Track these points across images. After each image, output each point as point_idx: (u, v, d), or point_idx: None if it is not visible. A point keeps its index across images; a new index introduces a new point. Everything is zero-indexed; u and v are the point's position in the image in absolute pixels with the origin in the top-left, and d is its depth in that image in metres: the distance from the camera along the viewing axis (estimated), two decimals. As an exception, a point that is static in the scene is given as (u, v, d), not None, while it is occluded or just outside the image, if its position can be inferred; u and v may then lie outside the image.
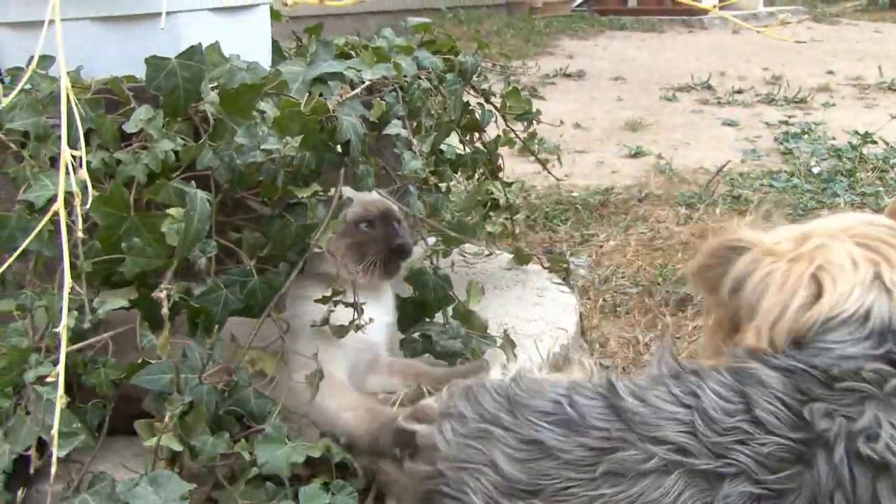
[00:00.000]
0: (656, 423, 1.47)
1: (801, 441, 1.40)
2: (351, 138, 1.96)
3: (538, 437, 1.56)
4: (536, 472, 1.54)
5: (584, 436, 1.52)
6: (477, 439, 1.63)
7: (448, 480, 1.61)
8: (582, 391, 1.59)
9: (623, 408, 1.51)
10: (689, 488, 1.41)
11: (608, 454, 1.48)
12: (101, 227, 1.76)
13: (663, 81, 6.87)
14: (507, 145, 2.73)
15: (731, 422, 1.44)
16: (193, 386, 1.73)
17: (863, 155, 4.57)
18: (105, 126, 1.82)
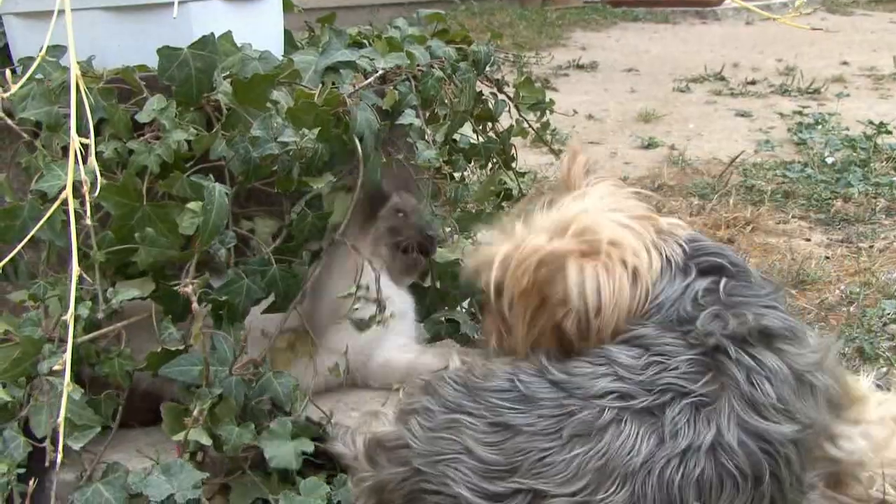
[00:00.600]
0: (589, 385, 1.63)
1: (702, 354, 1.65)
2: (365, 134, 1.96)
3: (502, 419, 1.62)
4: (511, 451, 1.59)
5: (540, 407, 1.62)
6: (446, 430, 1.65)
7: (427, 476, 1.62)
8: (524, 370, 1.70)
9: (558, 381, 1.66)
10: (643, 425, 1.59)
11: (567, 418, 1.60)
12: (114, 218, 1.76)
13: (676, 73, 6.84)
14: (520, 135, 2.72)
15: (642, 361, 1.65)
16: (223, 378, 1.74)
17: (877, 145, 4.54)
18: (117, 116, 1.82)
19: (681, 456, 1.57)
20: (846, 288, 2.97)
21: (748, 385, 1.64)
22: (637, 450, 1.57)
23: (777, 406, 1.64)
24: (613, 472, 1.56)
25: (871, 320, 2.71)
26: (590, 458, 1.56)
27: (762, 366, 1.67)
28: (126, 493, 1.67)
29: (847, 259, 3.24)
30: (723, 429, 1.60)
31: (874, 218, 3.67)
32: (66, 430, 1.64)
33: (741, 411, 1.62)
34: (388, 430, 1.72)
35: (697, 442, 1.58)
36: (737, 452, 1.59)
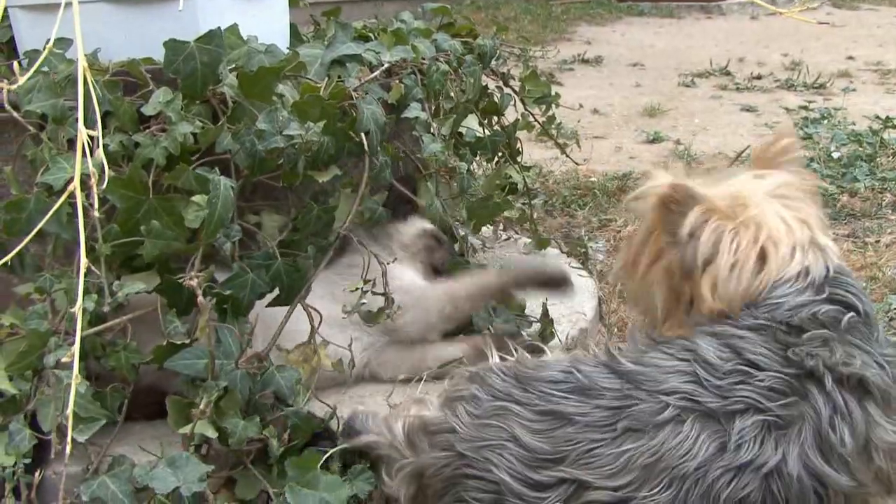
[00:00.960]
0: (661, 379, 1.58)
1: (794, 376, 1.56)
2: (371, 129, 1.95)
3: (555, 407, 1.60)
4: (559, 440, 1.57)
5: (599, 398, 1.59)
6: (493, 417, 1.63)
7: (470, 461, 1.61)
8: (584, 361, 1.67)
9: (626, 371, 1.62)
10: (705, 430, 1.53)
11: (625, 411, 1.56)
12: (120, 211, 1.76)
13: (682, 67, 6.83)
14: (525, 129, 2.72)
15: (728, 366, 1.58)
16: (229, 371, 1.74)
17: (883, 140, 4.53)
18: (123, 108, 1.81)
19: (736, 471, 1.51)
20: (852, 282, 2.96)
21: (828, 425, 1.55)
22: (693, 454, 1.51)
23: (843, 457, 1.55)
24: (663, 471, 1.51)
25: (878, 315, 2.70)
26: (640, 453, 1.52)
27: (849, 412, 1.57)
28: (132, 485, 1.67)
29: (853, 254, 3.23)
30: (788, 457, 1.52)
31: (880, 213, 3.66)
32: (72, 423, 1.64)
33: (809, 447, 1.54)
34: (433, 415, 1.70)
35: (759, 461, 1.51)
36: (793, 485, 1.52)
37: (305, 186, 1.90)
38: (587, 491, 1.54)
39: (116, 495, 1.65)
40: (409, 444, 1.71)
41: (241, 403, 1.75)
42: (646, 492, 1.52)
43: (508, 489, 1.57)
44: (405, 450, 1.71)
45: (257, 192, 1.95)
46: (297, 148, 1.81)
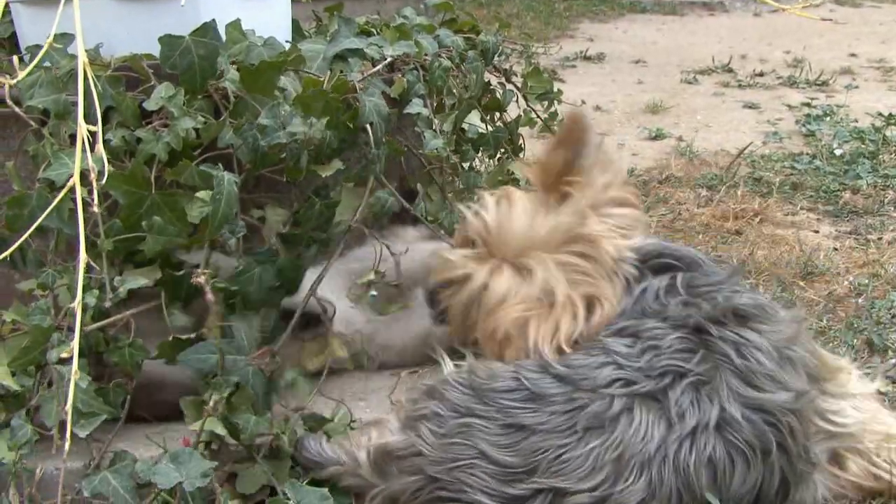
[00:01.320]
0: (593, 375, 1.67)
1: (687, 333, 1.71)
2: (374, 121, 1.95)
3: (515, 420, 1.63)
4: (526, 451, 1.60)
5: (551, 404, 1.64)
6: (458, 435, 1.64)
7: (442, 484, 1.61)
8: (527, 367, 1.73)
9: (562, 374, 1.69)
10: (651, 411, 1.62)
11: (579, 412, 1.62)
12: (122, 206, 1.75)
13: (684, 64, 6.81)
14: (527, 125, 2.72)
15: (637, 348, 1.70)
16: (240, 367, 1.73)
17: (886, 137, 4.52)
18: (125, 104, 1.81)
19: (691, 437, 1.59)
20: (854, 280, 2.95)
21: (740, 358, 1.68)
22: (650, 435, 1.59)
23: (769, 376, 1.67)
24: (630, 461, 1.57)
25: (880, 312, 2.70)
26: (605, 449, 1.58)
27: (748, 339, 1.71)
28: (134, 481, 1.66)
29: (855, 251, 3.23)
30: (725, 404, 1.63)
31: (883, 210, 3.65)
32: (73, 417, 1.64)
33: (738, 386, 1.65)
34: (397, 439, 1.69)
35: (704, 420, 1.61)
36: (743, 426, 1.61)
37: (308, 180, 1.89)
38: (565, 497, 1.56)
39: (118, 491, 1.65)
40: (376, 471, 1.70)
41: (252, 399, 1.75)
42: (621, 485, 1.57)
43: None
44: (373, 478, 1.70)
45: (260, 186, 1.94)
46: (299, 143, 1.81)
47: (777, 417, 1.64)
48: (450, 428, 1.64)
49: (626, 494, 1.56)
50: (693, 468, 1.58)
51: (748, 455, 1.61)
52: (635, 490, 1.56)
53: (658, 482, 1.56)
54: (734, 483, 1.60)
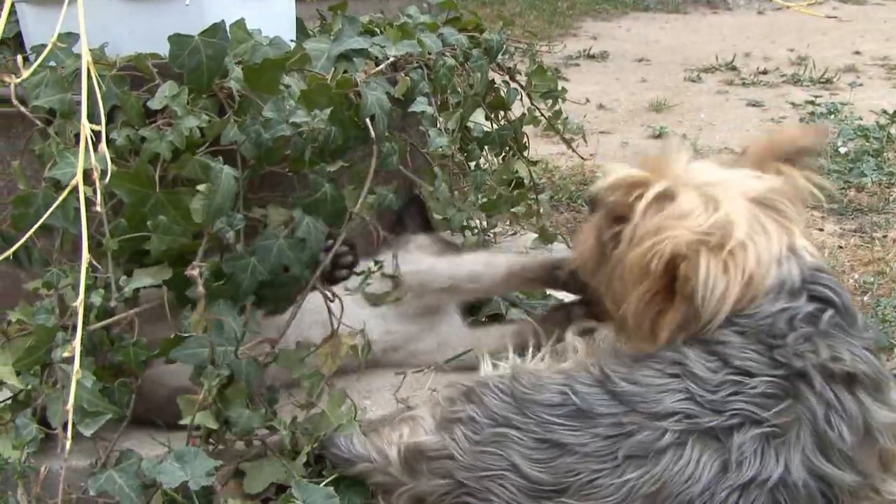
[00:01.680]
0: (655, 399, 1.57)
1: (784, 377, 1.56)
2: (377, 113, 1.95)
3: (553, 436, 1.58)
4: (559, 471, 1.55)
5: (596, 426, 1.57)
6: (492, 444, 1.61)
7: (470, 490, 1.60)
8: (580, 380, 1.65)
9: (621, 392, 1.59)
10: (706, 451, 1.51)
11: (624, 439, 1.53)
12: (127, 205, 1.76)
13: (687, 63, 6.81)
14: (531, 123, 2.71)
15: (718, 377, 1.57)
16: (231, 358, 1.72)
17: (890, 135, 4.51)
18: (130, 103, 1.81)
19: (741, 489, 1.49)
20: (860, 278, 2.95)
21: (825, 423, 1.55)
22: (696, 478, 1.49)
23: (844, 453, 1.56)
24: (666, 499, 1.49)
25: (886, 310, 2.70)
26: (643, 483, 1.50)
27: (843, 407, 1.58)
28: (139, 480, 1.67)
29: (860, 249, 3.23)
30: (791, 466, 1.52)
31: (888, 208, 3.65)
32: (77, 416, 1.65)
33: (810, 451, 1.54)
34: (430, 440, 1.68)
35: (763, 476, 1.50)
36: (799, 492, 1.51)
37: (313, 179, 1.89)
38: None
39: (123, 489, 1.65)
40: (406, 469, 1.69)
41: (247, 392, 1.74)
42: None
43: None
44: (402, 476, 1.69)
45: (264, 186, 1.94)
46: (303, 136, 1.81)
47: (835, 493, 1.54)
48: (485, 436, 1.62)
49: None
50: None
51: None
52: None
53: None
54: None
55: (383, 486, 1.74)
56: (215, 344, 1.71)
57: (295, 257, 1.82)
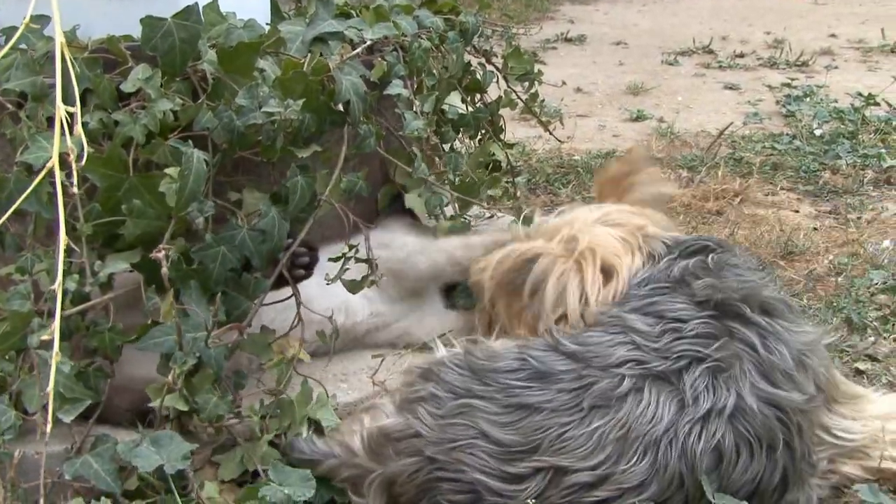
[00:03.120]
0: (607, 353, 1.68)
1: (712, 317, 1.72)
2: (351, 99, 1.94)
3: (518, 399, 1.62)
4: (529, 430, 1.60)
5: (558, 382, 1.64)
6: (458, 416, 1.63)
7: (441, 464, 1.61)
8: (534, 346, 1.74)
9: (574, 352, 1.69)
10: (662, 392, 1.62)
11: (586, 390, 1.62)
12: (101, 189, 1.74)
13: (665, 46, 6.82)
14: (508, 106, 2.71)
15: (658, 329, 1.71)
16: (199, 344, 1.72)
17: (865, 117, 4.54)
18: (102, 86, 1.80)
19: (702, 421, 1.58)
20: (834, 258, 2.97)
21: (764, 350, 1.67)
22: (659, 417, 1.58)
23: (786, 373, 1.67)
24: (635, 441, 1.56)
25: (859, 290, 2.72)
26: (610, 428, 1.57)
27: (773, 332, 1.71)
28: (115, 464, 1.66)
29: (835, 230, 3.25)
30: (743, 393, 1.62)
31: (862, 189, 3.67)
32: (56, 403, 1.64)
33: (756, 379, 1.64)
34: (393, 422, 1.68)
35: (719, 406, 1.60)
36: (756, 418, 1.60)
37: (286, 163, 1.88)
38: (566, 476, 1.56)
39: (99, 473, 1.65)
40: (372, 455, 1.69)
41: (213, 378, 1.73)
42: (623, 465, 1.56)
43: (485, 487, 1.57)
44: (369, 463, 1.69)
45: (238, 170, 1.94)
46: (276, 124, 1.80)
47: (789, 416, 1.63)
48: (448, 409, 1.64)
49: (627, 475, 1.55)
50: (699, 453, 1.57)
51: (754, 447, 1.60)
52: (638, 471, 1.55)
53: (663, 464, 1.55)
54: (736, 472, 1.59)
55: (351, 480, 1.73)
56: (183, 331, 1.70)
57: (256, 249, 1.81)
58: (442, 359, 1.76)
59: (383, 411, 1.74)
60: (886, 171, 3.83)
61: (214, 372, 1.73)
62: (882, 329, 2.51)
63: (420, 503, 1.63)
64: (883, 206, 3.50)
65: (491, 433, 1.59)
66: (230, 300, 1.81)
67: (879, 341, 2.45)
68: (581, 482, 1.56)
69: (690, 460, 1.57)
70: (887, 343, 2.44)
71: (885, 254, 2.99)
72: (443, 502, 1.61)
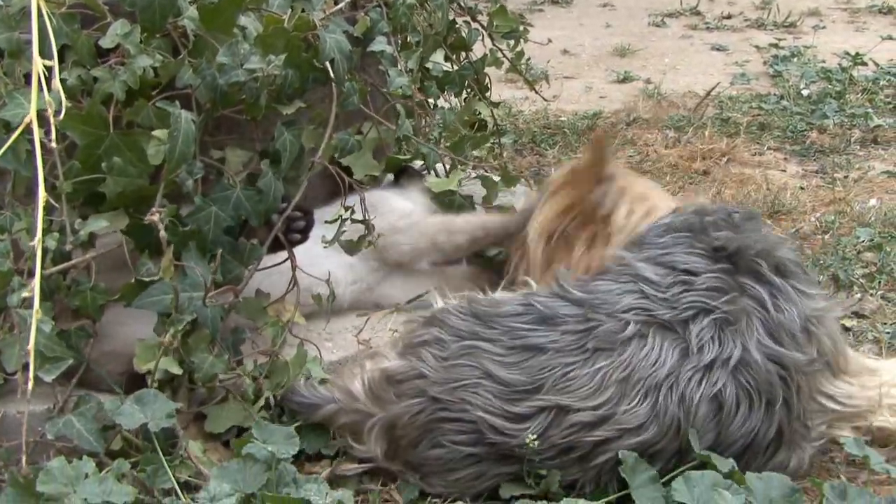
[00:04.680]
0: (614, 301, 1.68)
1: (725, 272, 1.71)
2: (335, 57, 1.92)
3: (524, 341, 1.63)
4: (534, 369, 1.61)
5: (563, 324, 1.65)
6: (463, 357, 1.63)
7: (445, 404, 1.61)
8: (538, 294, 1.75)
9: (579, 299, 1.70)
10: (666, 339, 1.63)
11: (590, 333, 1.63)
12: (81, 147, 1.72)
13: (652, 7, 6.77)
14: (493, 65, 2.69)
15: (669, 280, 1.71)
16: (196, 304, 1.70)
17: (852, 77, 4.53)
18: (80, 41, 1.77)
19: (704, 370, 1.60)
20: (821, 217, 2.97)
21: (774, 308, 1.67)
22: (662, 362, 1.60)
23: (791, 334, 1.67)
24: (637, 383, 1.58)
25: (846, 248, 2.72)
26: (613, 369, 1.59)
27: (786, 292, 1.70)
28: (98, 424, 1.65)
29: (822, 189, 3.24)
30: (748, 345, 1.63)
31: (849, 149, 3.67)
32: (37, 362, 1.62)
33: (762, 336, 1.65)
34: (396, 364, 1.68)
35: (724, 356, 1.61)
36: (760, 372, 1.61)
37: (271, 121, 1.86)
38: (568, 415, 1.57)
39: (82, 433, 1.64)
40: (373, 399, 1.68)
41: (209, 338, 1.72)
42: (625, 405, 1.58)
43: (488, 425, 1.58)
44: (371, 407, 1.68)
45: (221, 128, 1.91)
46: (259, 81, 1.78)
47: (790, 374, 1.64)
48: (453, 350, 1.65)
49: (628, 416, 1.57)
50: (697, 400, 1.58)
51: (754, 399, 1.61)
52: (639, 413, 1.57)
53: (663, 408, 1.57)
54: (734, 424, 1.60)
55: (351, 427, 1.72)
56: (180, 290, 1.69)
57: (253, 209, 1.79)
58: (445, 307, 1.77)
59: (385, 356, 1.74)
60: (873, 131, 3.82)
61: (210, 332, 1.72)
62: (868, 286, 2.51)
63: (420, 444, 1.64)
64: (869, 165, 3.49)
65: (496, 373, 1.60)
66: (224, 264, 1.79)
67: (866, 298, 2.45)
68: (582, 421, 1.58)
69: (688, 406, 1.58)
70: (874, 300, 2.44)
71: (871, 212, 2.99)
72: (444, 442, 1.62)
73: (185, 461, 1.66)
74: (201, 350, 1.72)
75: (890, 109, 4.11)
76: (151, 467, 1.62)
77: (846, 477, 1.74)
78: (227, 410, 1.77)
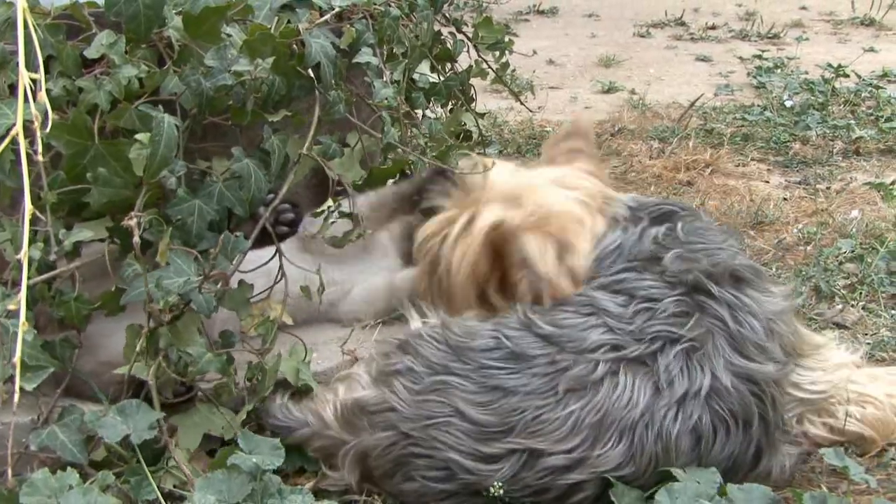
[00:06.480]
0: (580, 336, 1.65)
1: (684, 294, 1.70)
2: (321, 62, 1.92)
3: (493, 381, 1.61)
4: (504, 411, 1.59)
5: (533, 366, 1.63)
6: (434, 392, 1.62)
7: (415, 440, 1.60)
8: (508, 325, 1.71)
9: (548, 334, 1.67)
10: (637, 376, 1.60)
11: (561, 374, 1.60)
12: (66, 157, 1.72)
13: (637, 18, 6.81)
14: (479, 76, 2.70)
15: (630, 310, 1.68)
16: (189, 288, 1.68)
17: (835, 88, 4.56)
18: (66, 52, 1.77)
19: (678, 405, 1.57)
20: (803, 228, 2.98)
21: (735, 323, 1.66)
22: (635, 402, 1.57)
23: (759, 345, 1.66)
24: (611, 425, 1.55)
25: (828, 259, 2.73)
26: (586, 412, 1.56)
27: (743, 303, 1.70)
28: (82, 435, 1.65)
29: (804, 200, 3.26)
30: (717, 372, 1.61)
31: (831, 160, 3.69)
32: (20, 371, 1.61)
33: (729, 354, 1.63)
34: (368, 394, 1.67)
35: (694, 388, 1.59)
36: (731, 396, 1.60)
37: (256, 129, 1.87)
38: (540, 458, 1.56)
39: (66, 444, 1.63)
40: (345, 426, 1.68)
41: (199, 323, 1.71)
42: (599, 449, 1.55)
43: (459, 466, 1.57)
44: (343, 434, 1.68)
45: (207, 137, 1.91)
46: (245, 86, 1.78)
47: (762, 388, 1.64)
48: (425, 385, 1.63)
49: (603, 458, 1.55)
50: (675, 436, 1.56)
51: (730, 425, 1.60)
52: (613, 455, 1.55)
53: (639, 448, 1.55)
54: (714, 451, 1.59)
55: (324, 451, 1.72)
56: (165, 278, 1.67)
57: (235, 197, 1.79)
58: (419, 331, 1.75)
59: (359, 382, 1.72)
60: (855, 142, 3.85)
61: (200, 317, 1.71)
62: (850, 297, 2.53)
63: (394, 477, 1.63)
64: (851, 176, 3.51)
65: (466, 412, 1.59)
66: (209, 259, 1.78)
67: (847, 309, 2.46)
68: (556, 465, 1.55)
69: (666, 442, 1.56)
70: (855, 311, 2.45)
71: (853, 223, 3.01)
72: (417, 478, 1.60)
73: (169, 471, 1.66)
74: (197, 343, 1.70)
75: (872, 121, 4.13)
76: (135, 478, 1.62)
77: (827, 487, 1.75)
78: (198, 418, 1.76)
